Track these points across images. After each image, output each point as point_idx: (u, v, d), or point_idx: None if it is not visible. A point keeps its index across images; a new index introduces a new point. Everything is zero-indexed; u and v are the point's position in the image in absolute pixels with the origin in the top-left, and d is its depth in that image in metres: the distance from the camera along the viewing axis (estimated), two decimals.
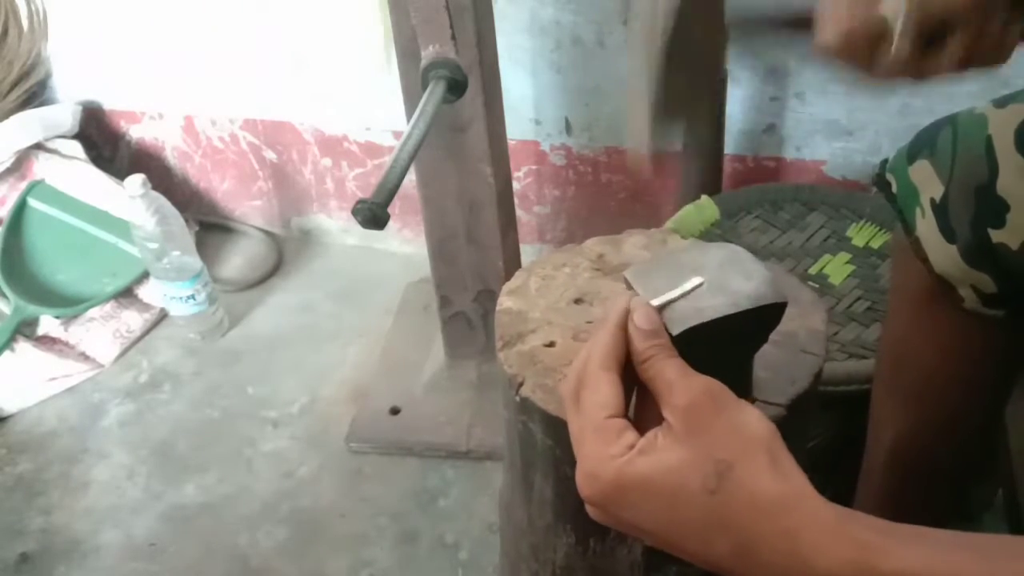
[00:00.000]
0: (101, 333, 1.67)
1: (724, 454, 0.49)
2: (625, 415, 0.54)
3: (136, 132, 1.89)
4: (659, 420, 0.53)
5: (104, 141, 1.91)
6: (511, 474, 0.78)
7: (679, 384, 0.52)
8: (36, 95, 1.83)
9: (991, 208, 0.77)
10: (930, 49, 0.58)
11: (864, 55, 0.58)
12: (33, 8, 1.77)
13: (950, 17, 0.56)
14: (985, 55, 0.59)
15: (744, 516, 0.48)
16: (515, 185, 1.60)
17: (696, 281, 0.57)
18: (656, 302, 0.56)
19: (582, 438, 0.53)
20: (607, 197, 1.68)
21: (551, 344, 0.70)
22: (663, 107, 0.55)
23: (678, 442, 0.50)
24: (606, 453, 0.51)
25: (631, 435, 0.52)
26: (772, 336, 0.61)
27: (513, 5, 1.48)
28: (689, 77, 0.54)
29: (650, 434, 0.51)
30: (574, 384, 0.56)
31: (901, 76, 0.61)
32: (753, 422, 0.50)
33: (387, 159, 1.10)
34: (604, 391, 0.53)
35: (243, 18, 1.65)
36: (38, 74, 1.81)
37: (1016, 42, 0.59)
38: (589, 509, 0.54)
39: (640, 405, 0.56)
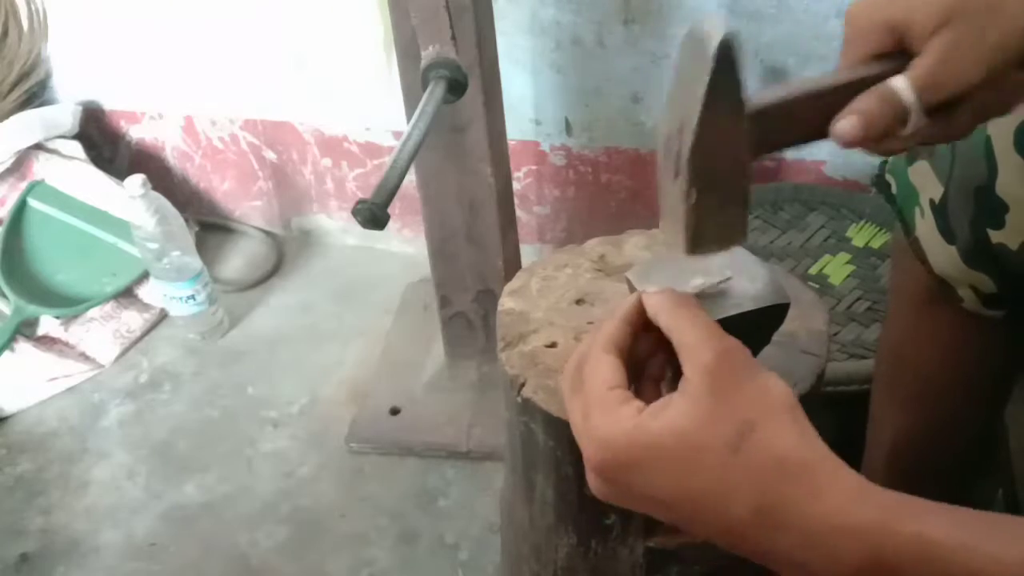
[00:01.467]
0: (101, 333, 1.67)
1: (748, 414, 0.48)
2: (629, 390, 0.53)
3: (136, 132, 1.89)
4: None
5: (104, 141, 1.91)
6: (512, 475, 0.78)
7: (705, 341, 0.51)
8: (36, 95, 1.83)
9: (990, 209, 0.78)
10: (944, 115, 0.58)
11: (882, 138, 0.58)
12: (33, 8, 1.77)
13: (963, 92, 0.56)
14: (997, 111, 0.59)
15: (768, 477, 0.47)
16: (515, 185, 1.60)
17: (718, 279, 0.57)
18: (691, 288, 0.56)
19: (588, 413, 0.53)
20: (607, 197, 1.68)
21: (553, 345, 0.70)
22: (701, 235, 0.55)
23: (696, 401, 0.49)
24: (616, 417, 0.51)
25: (638, 403, 0.51)
26: (774, 337, 0.61)
27: (513, 5, 1.48)
28: (719, 202, 0.55)
29: (664, 397, 0.51)
30: (573, 370, 0.55)
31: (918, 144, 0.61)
32: (775, 384, 0.50)
33: (387, 159, 1.10)
34: (604, 369, 0.53)
35: (243, 18, 1.65)
36: (38, 74, 1.81)
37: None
38: (596, 485, 0.54)
39: (638, 394, 0.56)
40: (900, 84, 0.56)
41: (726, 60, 0.49)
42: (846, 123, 0.56)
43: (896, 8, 0.56)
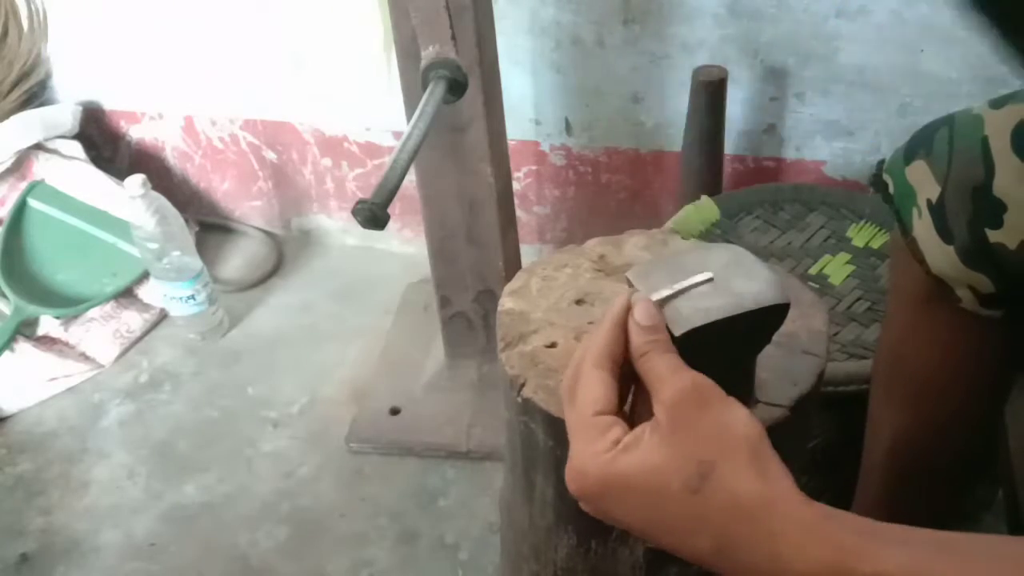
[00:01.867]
0: (101, 333, 1.67)
1: (707, 453, 0.49)
2: (617, 412, 0.54)
3: (136, 132, 1.89)
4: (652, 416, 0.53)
5: (104, 141, 1.91)
6: (512, 475, 0.78)
7: (667, 379, 0.52)
8: (36, 95, 1.83)
9: (988, 208, 0.78)
10: None
11: None
12: (33, 8, 1.77)
13: None
14: None
15: (724, 517, 0.48)
16: (515, 185, 1.60)
17: (704, 276, 0.57)
18: (657, 296, 0.56)
19: (573, 435, 0.54)
20: (607, 197, 1.69)
21: (553, 345, 0.70)
22: None
23: (663, 439, 0.50)
24: (592, 449, 0.52)
25: (618, 431, 0.52)
26: (774, 337, 0.61)
27: (513, 5, 1.48)
28: None
29: (637, 430, 0.52)
30: (570, 381, 0.56)
31: None
32: (738, 421, 0.50)
33: (387, 159, 1.11)
34: (594, 388, 0.54)
35: (243, 18, 1.65)
36: (38, 74, 1.81)
37: None
38: (581, 503, 0.55)
39: (637, 403, 0.56)
40: None
41: None
42: None
43: None
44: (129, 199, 1.54)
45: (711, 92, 1.39)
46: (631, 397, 0.57)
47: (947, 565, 0.45)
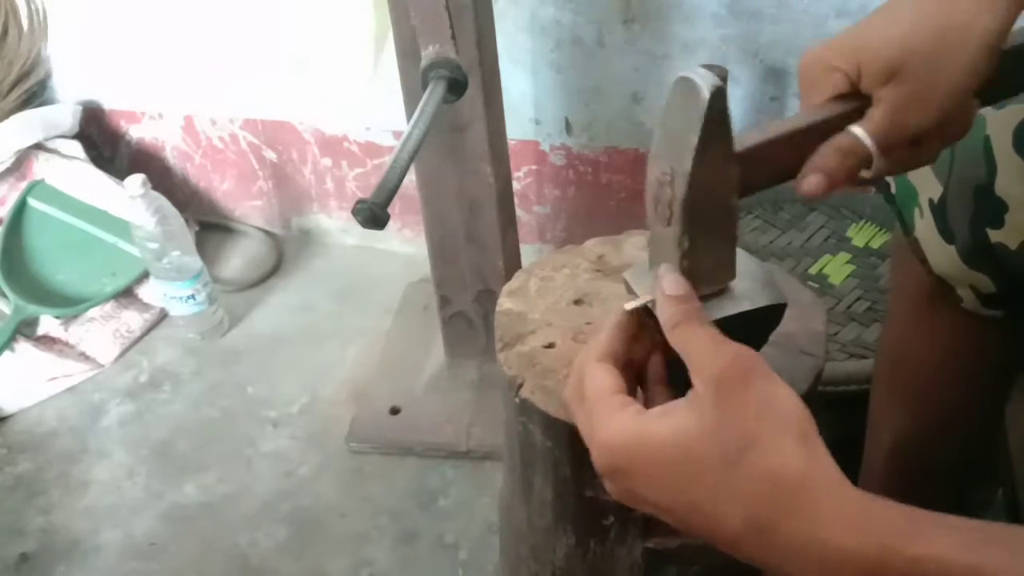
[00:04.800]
0: (101, 333, 1.67)
1: (751, 426, 0.47)
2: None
3: (136, 132, 1.89)
4: None
5: (104, 141, 1.91)
6: (511, 475, 0.78)
7: (710, 350, 0.50)
8: (36, 95, 1.83)
9: (989, 208, 0.78)
10: (908, 149, 0.60)
11: (848, 184, 0.59)
12: (33, 8, 1.77)
13: (919, 136, 0.59)
14: (959, 134, 0.62)
15: (763, 492, 0.47)
16: (515, 185, 1.60)
17: None
18: (652, 297, 0.55)
19: (592, 420, 0.52)
20: (607, 197, 1.68)
21: (551, 345, 0.70)
22: (695, 279, 0.55)
23: (700, 412, 0.48)
24: (619, 418, 0.51)
25: (638, 406, 0.51)
26: (771, 337, 0.61)
27: (513, 5, 1.48)
28: (710, 245, 0.55)
29: (673, 402, 0.50)
30: (575, 381, 0.55)
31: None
32: (787, 398, 0.49)
33: (387, 159, 1.10)
34: (605, 377, 0.53)
35: (243, 18, 1.65)
36: (38, 74, 1.81)
37: (975, 111, 0.61)
38: (607, 487, 0.54)
39: (648, 402, 0.55)
40: (858, 134, 0.58)
41: (718, 111, 0.51)
42: (811, 181, 0.58)
43: (845, 61, 0.59)
44: (129, 199, 1.54)
45: None
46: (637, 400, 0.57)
47: (996, 552, 0.44)
